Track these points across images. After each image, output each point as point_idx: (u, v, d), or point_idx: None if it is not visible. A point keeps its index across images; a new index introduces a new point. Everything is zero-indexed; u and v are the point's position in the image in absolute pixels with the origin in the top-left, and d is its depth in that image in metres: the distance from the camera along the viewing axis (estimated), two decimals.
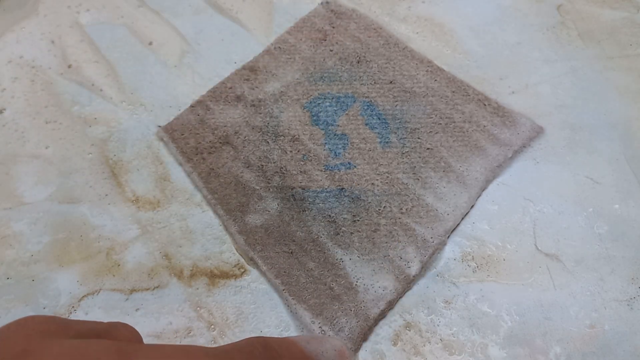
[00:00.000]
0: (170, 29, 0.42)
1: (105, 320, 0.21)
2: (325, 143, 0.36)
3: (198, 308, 0.31)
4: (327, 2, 0.43)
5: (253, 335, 0.30)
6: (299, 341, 0.25)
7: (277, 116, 0.37)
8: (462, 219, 0.34)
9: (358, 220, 0.33)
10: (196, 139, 0.36)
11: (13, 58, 0.40)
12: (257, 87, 0.39)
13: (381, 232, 0.33)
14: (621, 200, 0.34)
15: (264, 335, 0.24)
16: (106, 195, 0.35)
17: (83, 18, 0.43)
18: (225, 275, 0.32)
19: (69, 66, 0.40)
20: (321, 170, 0.35)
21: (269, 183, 0.34)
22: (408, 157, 0.35)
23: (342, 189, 0.34)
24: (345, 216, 0.33)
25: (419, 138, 0.36)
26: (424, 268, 0.32)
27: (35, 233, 0.33)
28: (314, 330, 0.30)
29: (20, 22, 0.42)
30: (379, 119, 0.37)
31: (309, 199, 0.34)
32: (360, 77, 0.39)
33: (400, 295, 0.31)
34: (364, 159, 0.35)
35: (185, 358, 0.18)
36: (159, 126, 0.37)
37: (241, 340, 0.21)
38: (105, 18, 0.43)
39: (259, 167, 0.35)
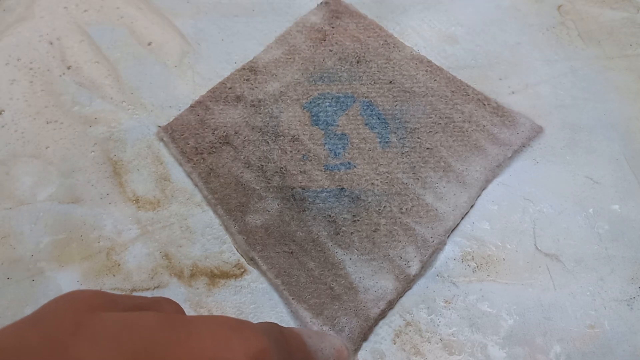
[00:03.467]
0: (170, 29, 0.42)
1: None
2: (325, 143, 0.36)
3: (198, 308, 0.31)
4: (327, 2, 0.43)
5: None
6: (302, 334, 0.25)
7: (277, 116, 0.37)
8: (462, 218, 0.34)
9: (358, 220, 0.33)
10: (196, 139, 0.36)
11: (10, 60, 0.40)
12: (257, 87, 0.39)
13: (381, 232, 0.33)
14: (621, 200, 0.34)
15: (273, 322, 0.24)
16: (107, 194, 0.35)
17: (82, 19, 0.43)
18: (225, 275, 0.32)
19: (69, 67, 0.40)
20: (321, 170, 0.35)
21: (269, 183, 0.34)
22: (408, 157, 0.35)
23: (342, 188, 0.34)
24: (345, 216, 0.33)
25: (418, 138, 0.36)
26: (424, 268, 0.32)
27: (35, 233, 0.33)
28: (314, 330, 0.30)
29: (17, 24, 0.42)
30: (378, 119, 0.37)
31: (309, 199, 0.34)
32: (359, 77, 0.39)
33: (400, 295, 0.31)
34: (364, 159, 0.35)
35: (232, 328, 0.18)
36: (159, 126, 0.37)
37: (264, 323, 0.22)
38: (105, 18, 0.43)
39: (259, 167, 0.35)
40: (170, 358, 0.16)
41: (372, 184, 0.34)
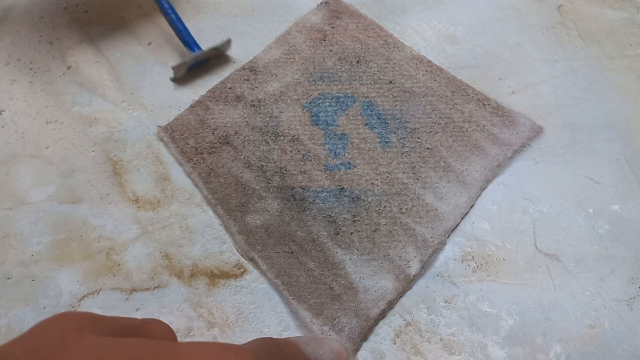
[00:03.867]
0: (170, 29, 0.42)
1: None
2: (325, 143, 0.36)
3: (198, 308, 0.31)
4: (327, 2, 0.43)
5: (253, 335, 0.30)
6: (299, 343, 0.26)
7: (277, 116, 0.37)
8: (462, 218, 0.34)
9: (358, 220, 0.33)
10: (196, 139, 0.36)
11: (10, 61, 0.40)
12: (257, 87, 0.39)
13: (381, 232, 0.33)
14: (621, 200, 0.34)
15: (267, 336, 0.24)
16: (107, 194, 0.35)
17: (82, 19, 0.43)
18: (225, 275, 0.32)
19: (69, 67, 0.40)
20: (321, 170, 0.35)
21: (269, 183, 0.34)
22: (408, 157, 0.35)
23: (342, 188, 0.34)
24: (345, 216, 0.33)
25: (418, 138, 0.36)
26: (424, 268, 0.32)
27: (36, 233, 0.33)
28: (314, 330, 0.30)
29: (14, 24, 0.42)
30: (378, 118, 0.37)
31: (309, 199, 0.34)
32: (359, 77, 0.39)
33: (400, 295, 0.31)
34: (364, 159, 0.35)
35: (218, 352, 0.18)
36: (159, 126, 0.37)
37: (257, 340, 0.22)
38: (105, 18, 0.43)
39: (259, 167, 0.35)
40: None
41: (372, 184, 0.34)
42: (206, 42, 0.42)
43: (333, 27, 0.42)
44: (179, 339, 0.30)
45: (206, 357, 0.18)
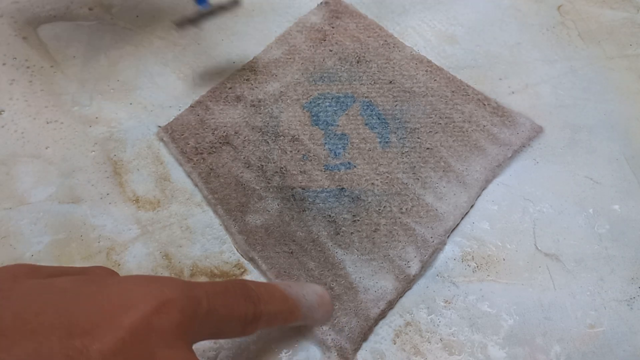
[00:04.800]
0: (171, 29, 0.42)
1: None
2: (325, 143, 0.36)
3: None
4: (327, 2, 0.43)
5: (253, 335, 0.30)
6: (279, 284, 0.26)
7: (277, 116, 0.37)
8: (462, 218, 0.34)
9: (358, 220, 0.33)
10: (196, 139, 0.36)
11: (7, 60, 0.40)
12: (257, 87, 0.39)
13: (381, 232, 0.33)
14: (621, 200, 0.34)
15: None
16: (107, 194, 0.35)
17: (81, 19, 0.43)
18: (225, 275, 0.32)
19: (68, 67, 0.40)
20: (321, 170, 0.35)
21: (269, 183, 0.34)
22: (408, 157, 0.35)
23: (342, 188, 0.34)
24: (345, 216, 0.33)
25: (418, 138, 0.36)
26: (424, 268, 0.32)
27: (36, 233, 0.33)
28: (314, 331, 0.30)
29: (6, 22, 0.42)
30: (378, 118, 0.37)
31: (309, 199, 0.34)
32: (359, 77, 0.39)
33: (400, 295, 0.31)
34: (364, 159, 0.35)
35: (142, 284, 0.19)
36: (159, 126, 0.37)
37: (220, 282, 0.22)
38: (104, 18, 0.43)
39: (259, 167, 0.35)
40: (77, 310, 0.17)
41: (372, 184, 0.34)
42: (206, 41, 0.42)
43: (333, 27, 0.42)
44: None
45: (130, 286, 0.19)
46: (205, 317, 0.20)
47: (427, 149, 0.36)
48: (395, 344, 0.30)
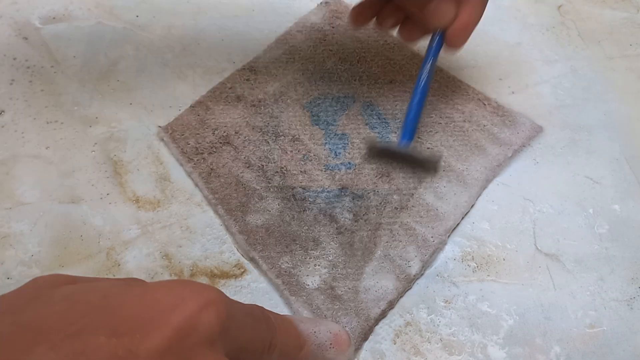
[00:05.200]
0: (171, 29, 0.42)
1: None
2: (326, 143, 0.36)
3: None
4: (327, 2, 0.43)
5: None
6: (293, 319, 0.26)
7: (277, 116, 0.37)
8: (462, 218, 0.34)
9: (359, 219, 0.33)
10: (196, 139, 0.36)
11: (7, 60, 0.40)
12: (257, 87, 0.39)
13: (382, 232, 0.33)
14: (621, 200, 0.34)
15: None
16: (107, 194, 0.35)
17: (81, 18, 0.43)
18: (225, 275, 0.32)
19: (68, 67, 0.40)
20: (322, 170, 0.35)
21: (270, 183, 0.34)
22: None
23: (343, 188, 0.34)
24: (346, 216, 0.33)
25: (419, 137, 0.36)
26: (424, 267, 0.32)
27: (35, 233, 0.33)
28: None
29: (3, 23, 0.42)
30: (379, 118, 0.37)
31: (310, 199, 0.34)
32: (360, 77, 0.39)
33: (400, 294, 0.31)
34: (364, 159, 0.35)
35: (185, 285, 0.19)
36: (159, 126, 0.37)
37: (245, 304, 0.22)
38: (104, 18, 0.43)
39: (259, 167, 0.35)
40: (122, 311, 0.17)
41: (373, 183, 0.34)
42: (206, 41, 0.42)
43: (333, 27, 0.42)
44: None
45: (173, 286, 0.19)
46: (236, 327, 0.20)
47: (428, 148, 0.36)
48: (395, 344, 0.30)
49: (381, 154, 0.31)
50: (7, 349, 0.15)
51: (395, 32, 0.34)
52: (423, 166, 0.31)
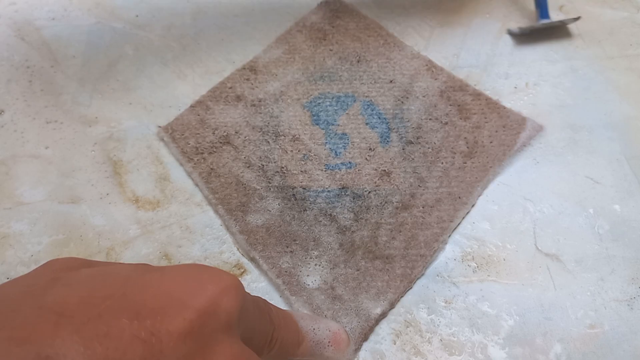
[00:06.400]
0: (170, 29, 0.42)
1: None
2: (326, 142, 0.36)
3: None
4: (327, 2, 0.43)
5: None
6: (294, 314, 0.26)
7: (277, 116, 0.37)
8: (463, 218, 0.34)
9: (359, 219, 0.33)
10: (196, 139, 0.36)
11: (7, 60, 0.40)
12: (257, 87, 0.39)
13: (382, 231, 0.32)
14: (621, 200, 0.34)
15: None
16: (107, 194, 0.35)
17: (80, 18, 0.43)
18: None
19: (68, 67, 0.40)
20: (322, 170, 0.35)
21: (270, 183, 0.34)
22: (408, 155, 0.35)
23: (343, 188, 0.34)
24: (347, 215, 0.33)
25: (419, 137, 0.36)
26: (425, 267, 0.32)
27: (35, 233, 0.33)
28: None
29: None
30: (379, 118, 0.37)
31: (310, 199, 0.34)
32: (360, 77, 0.39)
33: (401, 294, 0.31)
34: (365, 158, 0.35)
35: (203, 269, 0.19)
36: (159, 126, 0.37)
37: (251, 294, 0.22)
38: (104, 18, 0.43)
39: (259, 166, 0.35)
40: (144, 295, 0.17)
41: (373, 183, 0.34)
42: (206, 41, 0.42)
43: (333, 27, 0.42)
44: None
45: (191, 270, 0.19)
46: (248, 316, 0.20)
47: (427, 147, 0.36)
48: (395, 344, 0.30)
49: (531, 31, 0.41)
50: (32, 332, 0.15)
51: None
52: (566, 23, 0.41)
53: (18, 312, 0.15)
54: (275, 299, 0.31)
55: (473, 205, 0.34)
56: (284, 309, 0.26)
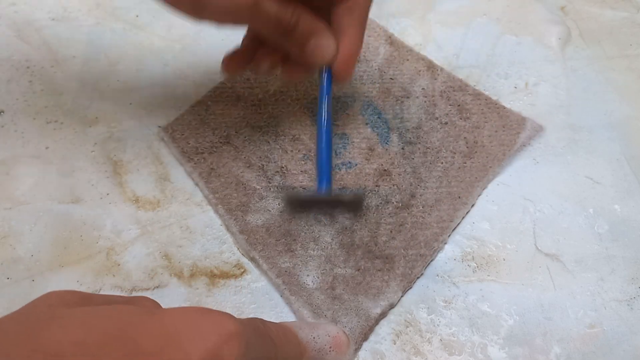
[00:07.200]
0: (170, 29, 0.42)
1: None
2: None
3: None
4: None
5: None
6: (292, 326, 0.26)
7: (277, 116, 0.37)
8: (462, 218, 0.34)
9: (359, 219, 0.33)
10: (197, 138, 0.36)
11: (7, 60, 0.40)
12: (257, 87, 0.39)
13: (382, 231, 0.33)
14: (621, 200, 0.34)
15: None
16: (107, 194, 0.35)
17: (81, 18, 0.43)
18: (225, 275, 0.32)
19: (68, 67, 0.40)
20: None
21: (270, 182, 0.34)
22: (408, 155, 0.35)
23: (343, 188, 0.34)
24: (346, 215, 0.33)
25: (418, 137, 0.36)
26: (425, 267, 0.32)
27: (35, 233, 0.33)
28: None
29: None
30: (379, 118, 0.37)
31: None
32: (360, 77, 0.39)
33: (401, 294, 0.31)
34: (365, 158, 0.35)
35: (203, 313, 0.19)
36: (159, 126, 0.37)
37: (243, 318, 0.22)
38: (104, 18, 0.43)
39: (259, 166, 0.35)
40: (142, 338, 0.17)
41: (373, 183, 0.34)
42: (206, 41, 0.41)
43: None
44: None
45: (191, 315, 0.19)
46: (248, 356, 0.20)
47: (427, 147, 0.36)
48: (395, 344, 0.30)
49: (303, 205, 0.32)
50: None
51: (278, 73, 0.32)
52: (348, 207, 0.32)
53: (11, 357, 0.15)
54: (275, 299, 0.31)
55: (473, 205, 0.34)
56: (281, 321, 0.26)
